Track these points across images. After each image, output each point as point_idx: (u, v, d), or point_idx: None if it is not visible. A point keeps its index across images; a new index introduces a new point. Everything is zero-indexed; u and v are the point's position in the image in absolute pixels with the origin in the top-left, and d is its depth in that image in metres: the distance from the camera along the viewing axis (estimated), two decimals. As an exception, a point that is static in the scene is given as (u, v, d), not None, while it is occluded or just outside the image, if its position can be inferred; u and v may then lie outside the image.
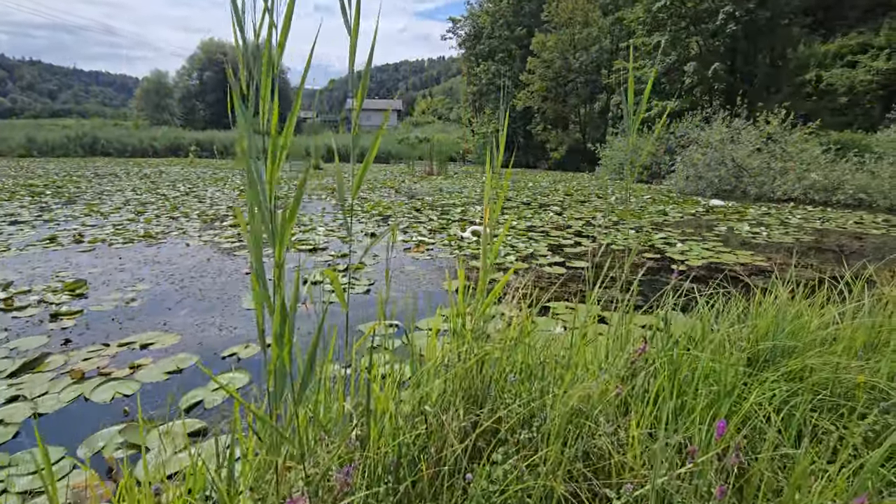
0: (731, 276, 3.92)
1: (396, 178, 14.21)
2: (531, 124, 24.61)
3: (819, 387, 1.27)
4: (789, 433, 1.16)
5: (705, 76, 15.38)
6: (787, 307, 1.57)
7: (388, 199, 8.90)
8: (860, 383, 1.20)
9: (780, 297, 1.59)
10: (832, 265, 4.31)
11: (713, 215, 7.63)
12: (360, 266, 4.03)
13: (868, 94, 16.72)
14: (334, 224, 6.12)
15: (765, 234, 5.89)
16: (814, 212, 8.08)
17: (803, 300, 1.72)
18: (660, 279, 3.84)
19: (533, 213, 7.46)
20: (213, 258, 4.22)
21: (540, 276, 3.88)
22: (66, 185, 9.96)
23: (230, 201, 8.12)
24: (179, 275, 3.67)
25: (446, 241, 5.13)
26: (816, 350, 1.29)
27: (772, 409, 1.22)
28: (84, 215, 6.34)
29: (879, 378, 1.23)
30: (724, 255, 4.71)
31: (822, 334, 1.42)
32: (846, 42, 18.80)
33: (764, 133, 10.65)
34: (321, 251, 4.65)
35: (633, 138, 1.43)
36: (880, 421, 1.17)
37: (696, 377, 1.14)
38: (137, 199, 8.04)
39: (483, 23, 27.66)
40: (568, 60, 21.40)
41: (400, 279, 3.73)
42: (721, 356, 1.25)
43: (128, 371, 2.13)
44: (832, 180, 9.11)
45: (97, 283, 3.42)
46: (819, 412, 1.25)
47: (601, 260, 4.45)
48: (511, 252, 4.64)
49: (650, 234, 5.69)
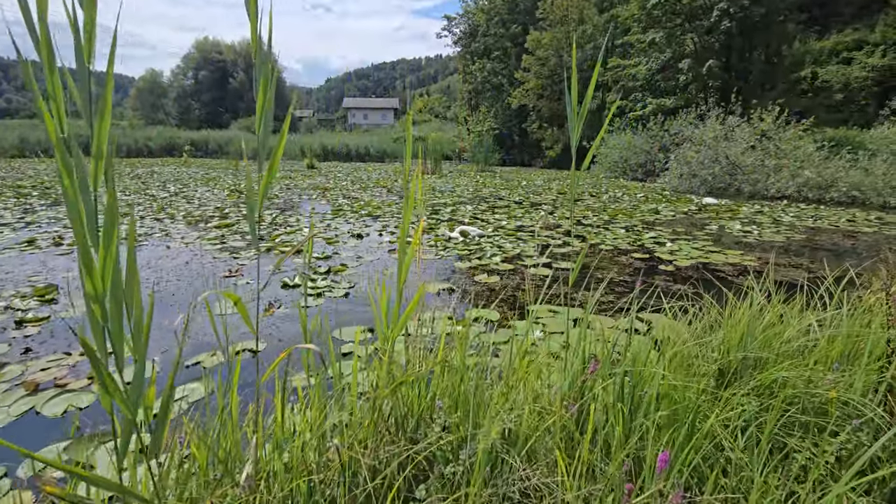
0: (719, 276, 3.86)
1: (390, 178, 14.12)
2: (526, 122, 24.51)
3: (790, 402, 1.20)
4: (757, 452, 1.09)
5: (700, 73, 15.31)
6: (762, 314, 1.50)
7: (378, 199, 8.82)
8: (832, 399, 1.13)
9: (755, 304, 1.52)
10: (821, 265, 4.25)
11: (706, 214, 7.57)
12: (342, 268, 3.95)
13: (863, 90, 16.67)
14: (321, 224, 6.04)
15: (756, 232, 5.83)
16: (807, 209, 8.03)
17: (780, 305, 1.65)
18: (645, 280, 3.77)
19: (524, 212, 7.39)
20: (193, 261, 4.14)
21: (525, 278, 3.81)
22: (55, 186, 9.85)
23: (219, 202, 8.03)
24: (155, 278, 3.59)
25: (433, 242, 5.05)
26: (788, 362, 1.22)
27: (738, 427, 1.15)
28: (66, 217, 6.23)
29: (853, 393, 1.16)
30: (713, 254, 4.64)
31: (795, 344, 1.35)
32: (842, 38, 18.75)
33: (758, 130, 10.59)
34: (304, 253, 4.56)
35: (577, 138, 1.36)
36: (853, 440, 1.10)
37: (650, 397, 1.06)
38: (125, 201, 7.94)
39: (478, 20, 27.55)
40: (563, 58, 21.31)
41: (382, 281, 3.65)
42: (683, 370, 1.17)
43: (85, 382, 2.05)
44: (826, 178, 9.06)
45: (70, 287, 3.34)
46: (790, 429, 1.18)
47: (588, 261, 4.38)
48: (498, 253, 4.56)
49: (640, 234, 5.63)
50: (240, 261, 4.16)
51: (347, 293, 3.34)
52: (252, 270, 3.88)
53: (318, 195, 9.39)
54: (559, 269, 4.08)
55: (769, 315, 1.48)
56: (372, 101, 70.19)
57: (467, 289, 3.54)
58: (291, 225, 5.94)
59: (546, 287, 3.55)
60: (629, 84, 18.31)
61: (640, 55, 17.60)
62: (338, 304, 3.13)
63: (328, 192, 9.84)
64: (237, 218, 6.39)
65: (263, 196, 0.89)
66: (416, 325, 2.79)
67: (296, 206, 7.73)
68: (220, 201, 8.11)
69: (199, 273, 3.76)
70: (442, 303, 3.20)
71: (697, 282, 3.72)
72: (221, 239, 5.04)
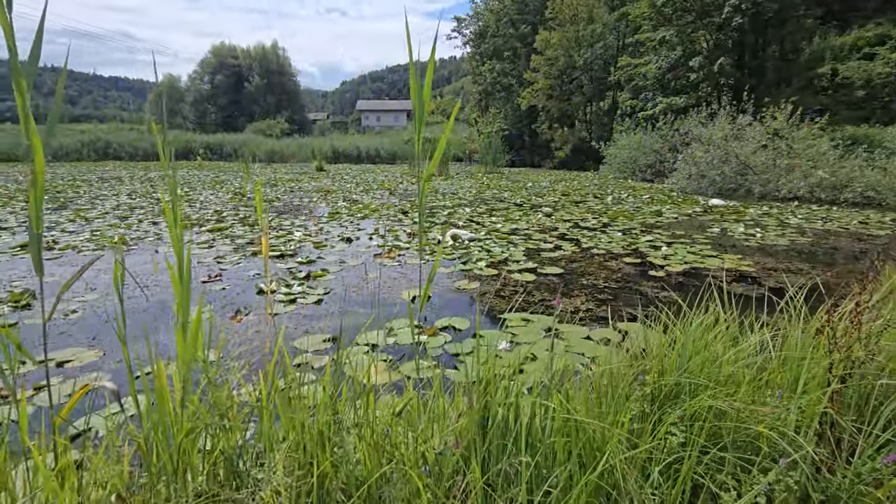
0: (711, 283, 3.69)
1: (395, 180, 14.11)
2: (536, 123, 24.29)
3: (720, 435, 1.09)
4: (674, 493, 0.98)
5: (711, 71, 14.93)
6: (709, 331, 1.38)
7: (378, 201, 8.78)
8: (762, 433, 1.02)
9: (701, 320, 1.40)
10: (821, 270, 4.05)
11: (710, 215, 7.33)
12: (321, 273, 3.90)
13: (887, 87, 16.05)
14: (314, 227, 6.01)
15: (759, 235, 5.61)
16: (818, 211, 7.72)
17: (735, 321, 1.53)
18: (632, 286, 3.63)
19: (522, 214, 7.27)
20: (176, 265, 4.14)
21: (506, 284, 3.70)
22: (66, 190, 10.08)
23: (220, 205, 8.09)
24: (134, 283, 3.59)
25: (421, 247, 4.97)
26: (717, 389, 1.11)
27: (660, 461, 1.04)
28: (69, 221, 6.35)
29: (789, 425, 1.05)
30: (709, 259, 4.47)
31: (741, 366, 1.24)
32: (863, 34, 18.07)
33: (770, 129, 10.25)
34: (289, 257, 4.54)
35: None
36: (784, 480, 0.99)
37: (553, 430, 0.97)
38: (128, 204, 8.06)
39: (488, 21, 27.43)
40: (572, 57, 21.04)
41: (361, 287, 3.60)
42: (607, 397, 1.07)
43: (31, 392, 2.03)
44: (840, 178, 8.71)
45: (48, 293, 3.35)
46: (717, 465, 1.07)
47: (577, 266, 4.25)
48: (484, 257, 4.47)
49: (637, 237, 5.46)
50: (222, 266, 4.15)
51: (321, 300, 3.28)
52: (231, 275, 3.86)
53: (318, 198, 9.40)
54: (545, 274, 3.96)
55: (722, 332, 1.37)
56: (385, 103, 70.56)
57: (444, 295, 3.45)
58: (284, 228, 5.94)
59: (525, 294, 3.44)
60: (640, 83, 17.99)
61: (651, 53, 17.26)
62: (308, 311, 3.08)
63: (329, 195, 9.85)
64: (232, 221, 6.42)
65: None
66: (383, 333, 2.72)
67: (295, 209, 7.74)
68: (222, 204, 8.17)
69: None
70: (416, 310, 3.12)
71: (688, 288, 3.56)
72: (210, 243, 5.05)
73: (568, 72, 21.58)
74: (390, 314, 3.01)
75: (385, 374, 2.23)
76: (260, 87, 47.37)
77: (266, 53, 49.84)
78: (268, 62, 49.11)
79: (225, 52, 49.28)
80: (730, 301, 1.67)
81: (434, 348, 2.52)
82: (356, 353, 2.46)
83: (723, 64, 14.44)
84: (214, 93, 47.60)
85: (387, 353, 2.47)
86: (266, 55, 49.67)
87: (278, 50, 50.31)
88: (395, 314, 3.01)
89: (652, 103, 16.81)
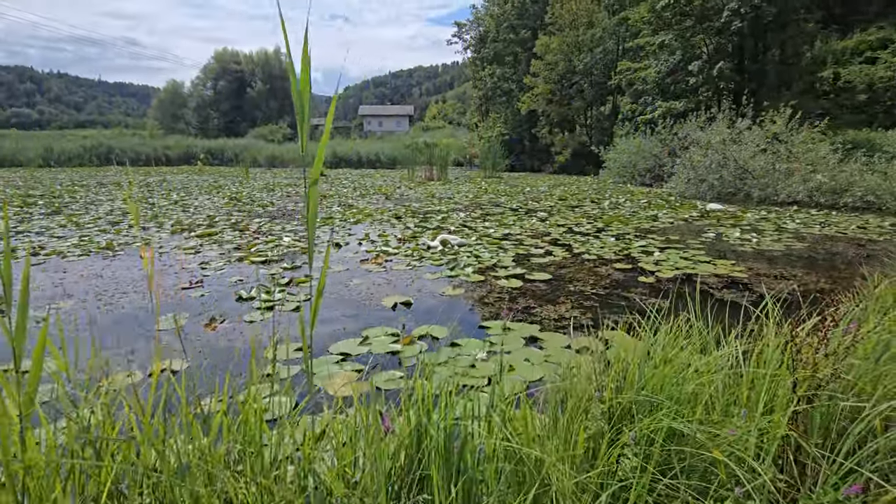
0: (701, 290, 3.61)
1: (392, 184, 14.07)
2: (536, 127, 24.25)
3: (680, 458, 1.02)
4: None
5: (711, 75, 14.85)
6: (673, 343, 1.31)
7: (373, 206, 8.73)
8: (718, 460, 0.94)
9: (668, 329, 1.33)
10: (813, 275, 3.95)
11: (707, 220, 7.24)
12: (305, 280, 3.84)
13: (888, 91, 15.93)
14: (305, 233, 5.96)
15: (754, 241, 5.51)
16: (817, 216, 7.61)
17: (704, 333, 1.45)
18: (619, 293, 3.55)
19: (516, 219, 7.19)
20: (159, 272, 4.09)
21: (491, 291, 3.63)
22: (63, 196, 10.09)
23: (213, 210, 8.06)
24: (112, 290, 3.54)
25: (410, 252, 4.91)
26: (675, 408, 1.04)
27: (611, 487, 0.97)
28: (60, 226, 6.32)
29: (748, 450, 0.97)
30: (701, 265, 4.38)
31: (699, 384, 1.16)
32: (865, 37, 17.97)
33: (769, 133, 10.15)
34: (274, 262, 4.49)
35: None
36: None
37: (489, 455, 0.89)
38: (122, 209, 8.04)
39: (488, 26, 27.48)
40: (572, 62, 21.01)
41: (342, 294, 3.53)
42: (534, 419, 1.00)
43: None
44: (840, 182, 8.60)
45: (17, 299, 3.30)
46: (672, 492, 0.99)
47: (565, 272, 4.18)
48: (473, 263, 4.39)
49: (630, 242, 5.38)
50: (206, 272, 4.10)
51: (299, 307, 3.22)
52: (213, 281, 3.80)
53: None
54: (532, 280, 3.89)
55: (692, 343, 1.29)
56: (387, 108, 70.78)
57: (427, 302, 3.38)
58: (274, 233, 5.89)
59: (510, 301, 3.37)
60: (640, 87, 17.93)
61: (651, 57, 17.22)
62: (286, 318, 3.02)
63: (325, 200, 9.81)
64: (223, 227, 6.38)
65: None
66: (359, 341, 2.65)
67: (288, 214, 7.69)
68: (216, 209, 8.14)
69: (159, 284, 3.70)
70: (396, 317, 3.05)
71: (677, 295, 3.48)
72: (197, 248, 5.00)
73: (568, 76, 21.55)
74: (368, 322, 2.94)
75: (356, 385, 2.15)
76: (262, 93, 47.64)
77: (269, 59, 50.15)
78: (270, 67, 49.40)
79: (228, 57, 49.65)
80: (721, 308, 1.60)
81: (408, 357, 2.45)
82: (326, 362, 2.40)
83: (722, 68, 14.37)
84: (217, 98, 47.92)
85: (360, 363, 2.40)
86: (269, 60, 49.97)
87: (281, 55, 50.61)
88: (373, 322, 2.94)
89: (651, 107, 16.75)
